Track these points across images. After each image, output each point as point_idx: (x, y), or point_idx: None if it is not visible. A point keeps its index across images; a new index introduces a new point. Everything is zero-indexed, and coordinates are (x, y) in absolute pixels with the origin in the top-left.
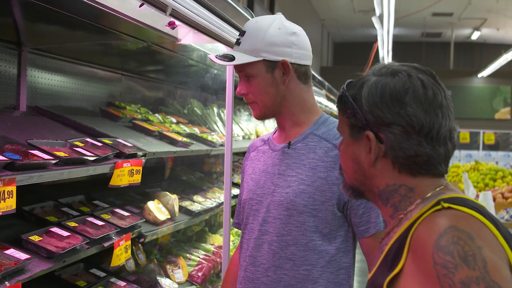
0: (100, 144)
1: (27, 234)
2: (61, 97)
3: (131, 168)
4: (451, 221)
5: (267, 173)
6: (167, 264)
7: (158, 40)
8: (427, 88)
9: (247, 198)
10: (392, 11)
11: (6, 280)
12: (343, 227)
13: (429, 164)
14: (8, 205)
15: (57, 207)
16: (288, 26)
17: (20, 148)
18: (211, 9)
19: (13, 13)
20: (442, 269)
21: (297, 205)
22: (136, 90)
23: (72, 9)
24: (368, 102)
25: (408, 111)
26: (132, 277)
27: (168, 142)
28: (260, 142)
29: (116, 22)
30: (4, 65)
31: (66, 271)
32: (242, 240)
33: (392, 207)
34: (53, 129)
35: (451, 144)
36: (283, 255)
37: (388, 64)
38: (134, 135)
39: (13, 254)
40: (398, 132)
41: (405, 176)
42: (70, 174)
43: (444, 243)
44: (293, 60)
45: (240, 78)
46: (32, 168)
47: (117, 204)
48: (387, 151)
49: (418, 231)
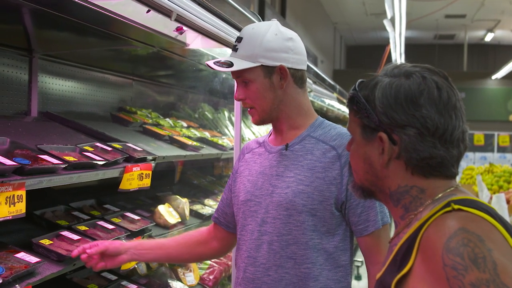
0: (109, 149)
1: (38, 238)
2: (72, 102)
3: (140, 172)
4: (461, 223)
5: (265, 174)
6: (178, 268)
7: (167, 45)
8: (442, 90)
9: (245, 199)
10: (403, 13)
11: (17, 283)
12: (341, 226)
13: (442, 166)
14: (18, 209)
15: (68, 211)
16: (284, 32)
17: (29, 153)
18: (217, 14)
19: (23, 20)
20: (451, 270)
21: (296, 205)
22: (147, 95)
23: (81, 16)
24: (382, 103)
25: (423, 113)
26: (143, 280)
27: (178, 146)
28: (255, 144)
29: (125, 28)
30: (16, 71)
31: (77, 274)
32: (240, 242)
33: (403, 208)
34: (64, 134)
35: (463, 146)
36: (284, 254)
37: (401, 65)
38: (145, 139)
39: (23, 257)
40: (412, 134)
41: (417, 178)
42: (79, 178)
43: (454, 245)
44: (290, 65)
45: (237, 83)
46: (42, 172)
47: (128, 208)
48: (401, 153)
49: (428, 232)
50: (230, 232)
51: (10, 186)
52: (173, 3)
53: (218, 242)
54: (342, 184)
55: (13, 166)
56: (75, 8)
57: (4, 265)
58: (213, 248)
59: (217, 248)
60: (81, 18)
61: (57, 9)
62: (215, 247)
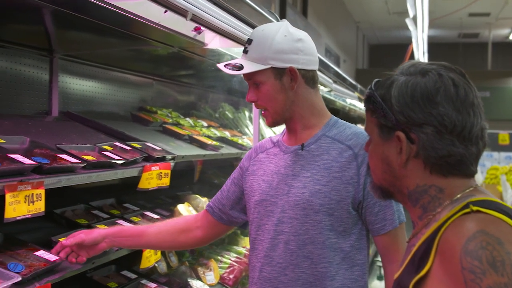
0: (129, 148)
1: (57, 236)
2: (93, 102)
3: (159, 172)
4: (480, 225)
5: (280, 174)
6: (198, 267)
7: (186, 45)
8: (459, 87)
9: (260, 199)
10: (426, 12)
11: (36, 281)
12: (357, 225)
13: (462, 164)
14: (37, 207)
15: (88, 210)
16: (294, 33)
17: (48, 152)
18: (233, 13)
19: (44, 21)
20: (469, 274)
21: (313, 204)
22: (167, 95)
23: (100, 17)
24: (398, 102)
25: (440, 110)
26: (163, 279)
27: (198, 145)
28: (269, 143)
29: (143, 29)
30: (37, 71)
31: (98, 272)
32: (255, 242)
33: (421, 208)
34: (83, 133)
35: (482, 143)
36: (300, 253)
37: (417, 63)
38: (164, 139)
39: (42, 255)
40: (430, 132)
41: (436, 177)
42: (98, 177)
43: (473, 248)
44: (300, 66)
45: (249, 85)
46: (60, 171)
47: (148, 207)
48: (419, 151)
49: (446, 234)
50: (222, 223)
51: (29, 185)
52: (188, 3)
53: (203, 232)
54: (359, 184)
55: (32, 165)
56: (94, 9)
57: (23, 263)
58: (195, 237)
59: (199, 237)
60: (100, 19)
61: (77, 10)
62: (198, 236)
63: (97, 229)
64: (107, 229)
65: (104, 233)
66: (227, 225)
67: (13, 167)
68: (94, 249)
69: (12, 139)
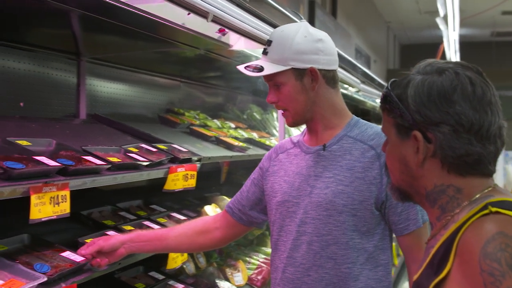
0: (154, 150)
1: (84, 237)
2: (120, 104)
3: (185, 173)
4: (499, 227)
5: (302, 175)
6: (226, 268)
7: (211, 47)
8: (476, 86)
9: (282, 200)
10: (456, 11)
11: (62, 281)
12: (380, 225)
13: (480, 163)
14: (62, 209)
15: (115, 211)
16: (313, 33)
17: (74, 154)
18: (255, 14)
19: (71, 25)
20: (489, 276)
21: (336, 205)
22: (195, 97)
23: (126, 21)
24: (415, 101)
25: (457, 109)
26: (191, 280)
27: (224, 147)
28: (289, 144)
29: (168, 31)
30: (64, 74)
31: (125, 273)
32: (278, 243)
33: (439, 208)
34: (110, 135)
35: (500, 142)
36: (324, 254)
37: (433, 62)
38: (191, 140)
39: (69, 256)
40: (447, 131)
41: (453, 176)
42: (123, 179)
43: (492, 250)
44: (320, 67)
45: (269, 86)
46: (85, 173)
47: (175, 208)
48: (436, 151)
49: (465, 236)
50: (241, 224)
51: (54, 186)
52: (209, 4)
53: (222, 232)
54: (382, 184)
55: (57, 167)
56: (119, 13)
57: (49, 263)
58: (214, 238)
59: (219, 238)
60: (126, 22)
61: (103, 14)
62: (217, 237)
63: (115, 235)
64: (126, 235)
65: (123, 239)
66: (247, 226)
67: (38, 168)
68: (113, 255)
69: (39, 141)
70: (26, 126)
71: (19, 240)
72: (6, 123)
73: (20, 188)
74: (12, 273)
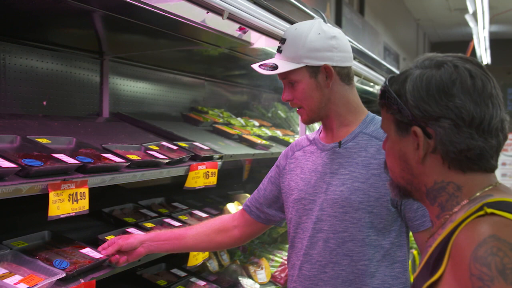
0: (175, 148)
1: (104, 234)
2: (144, 103)
3: (206, 171)
4: (492, 230)
5: (318, 172)
6: (250, 265)
7: (233, 45)
8: (476, 78)
9: (298, 198)
10: (486, 8)
11: (81, 277)
12: (397, 222)
13: (481, 157)
14: (81, 206)
15: (137, 209)
16: (327, 31)
17: (94, 152)
18: (273, 11)
19: (94, 25)
20: (477, 281)
21: (352, 202)
22: (219, 95)
23: (146, 20)
24: (413, 96)
25: (456, 103)
26: (213, 277)
27: (247, 145)
28: (306, 141)
29: (189, 30)
30: (87, 73)
31: (147, 270)
32: (294, 240)
33: (439, 206)
34: (132, 134)
35: (502, 135)
36: (340, 251)
37: (432, 55)
38: (213, 138)
39: (88, 253)
40: (447, 125)
41: (454, 173)
42: (143, 176)
43: (482, 254)
44: (334, 64)
45: (284, 85)
46: (104, 170)
47: (197, 206)
48: (437, 146)
49: (458, 238)
50: (259, 222)
51: (72, 183)
52: (224, 1)
53: (240, 231)
54: None
55: (75, 164)
56: (140, 12)
57: (69, 259)
58: (233, 236)
59: (237, 236)
60: (146, 21)
61: (124, 13)
62: (236, 235)
63: (134, 235)
64: (145, 235)
65: (142, 239)
66: (265, 224)
67: (56, 166)
68: (132, 254)
69: (59, 139)
70: (48, 124)
71: (40, 236)
72: (29, 122)
73: (38, 186)
74: (31, 269)
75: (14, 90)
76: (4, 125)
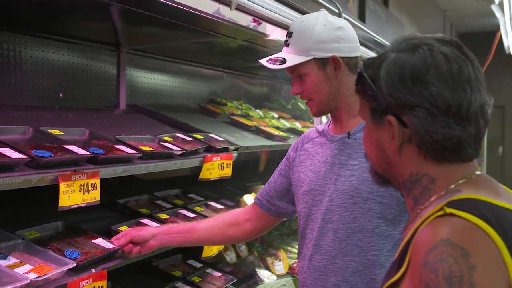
0: (190, 139)
1: (117, 225)
2: (161, 95)
3: (221, 162)
4: (447, 233)
5: (327, 163)
6: (267, 257)
7: (248, 36)
8: (452, 63)
9: (308, 189)
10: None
11: (92, 267)
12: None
13: (459, 147)
14: (92, 196)
15: (152, 200)
16: (333, 22)
17: (106, 143)
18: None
19: (112, 18)
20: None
21: (361, 192)
22: (239, 87)
23: (161, 12)
24: (387, 83)
25: (431, 90)
26: (229, 268)
27: (264, 136)
28: (315, 133)
29: (203, 21)
30: (104, 65)
31: (164, 261)
32: (305, 231)
33: (413, 199)
34: (148, 125)
35: (483, 121)
36: (350, 242)
37: (410, 37)
38: (230, 130)
39: (100, 243)
40: (422, 115)
41: (430, 164)
42: (156, 167)
43: (432, 259)
44: (342, 54)
45: (293, 78)
46: (115, 161)
47: (213, 197)
48: (412, 136)
49: (416, 238)
50: (271, 215)
51: (83, 174)
52: None
53: (252, 224)
54: None
55: (86, 155)
56: (154, 5)
57: (80, 250)
58: (245, 230)
59: (250, 230)
60: (162, 13)
61: (140, 6)
62: (248, 229)
63: (147, 227)
64: (157, 227)
65: (154, 231)
66: (276, 217)
67: (66, 157)
68: (144, 247)
69: (72, 131)
70: (63, 116)
71: (53, 227)
72: (44, 114)
73: (48, 176)
74: (42, 259)
75: (30, 82)
76: (19, 116)
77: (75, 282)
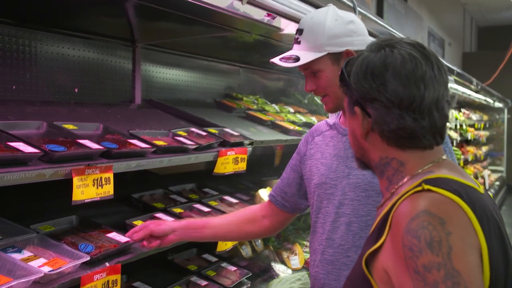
0: (204, 134)
1: (132, 219)
2: (177, 90)
3: (235, 156)
4: (426, 205)
5: (339, 157)
6: (283, 251)
7: (263, 31)
8: (406, 62)
9: (319, 182)
10: None
11: (106, 261)
12: None
13: (414, 137)
14: (105, 191)
15: (167, 194)
16: (343, 16)
17: (119, 138)
18: None
19: (127, 13)
20: (408, 251)
21: (375, 185)
22: (255, 82)
23: (177, 8)
24: (354, 78)
25: (387, 86)
26: (244, 263)
27: (280, 131)
28: (325, 126)
29: (217, 16)
30: (120, 61)
31: (179, 255)
32: (316, 225)
33: (387, 180)
34: (163, 120)
35: (439, 114)
36: (363, 235)
37: (385, 38)
38: (245, 124)
39: (114, 237)
40: (379, 107)
41: (394, 150)
42: (170, 162)
43: (414, 227)
44: (355, 48)
45: (306, 75)
46: (129, 156)
47: (228, 192)
48: (373, 125)
49: (397, 210)
50: (285, 211)
51: (97, 169)
52: None
53: (270, 221)
54: None
55: (99, 150)
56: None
57: (94, 244)
58: (263, 226)
59: (267, 226)
60: (177, 8)
61: (155, 1)
62: (266, 225)
63: (167, 221)
64: (177, 222)
65: (174, 226)
66: (290, 213)
67: (79, 151)
68: (163, 241)
69: (86, 125)
70: (78, 111)
71: (68, 221)
72: (59, 109)
73: (62, 171)
74: (56, 252)
75: (45, 77)
76: (34, 112)
77: (89, 276)
